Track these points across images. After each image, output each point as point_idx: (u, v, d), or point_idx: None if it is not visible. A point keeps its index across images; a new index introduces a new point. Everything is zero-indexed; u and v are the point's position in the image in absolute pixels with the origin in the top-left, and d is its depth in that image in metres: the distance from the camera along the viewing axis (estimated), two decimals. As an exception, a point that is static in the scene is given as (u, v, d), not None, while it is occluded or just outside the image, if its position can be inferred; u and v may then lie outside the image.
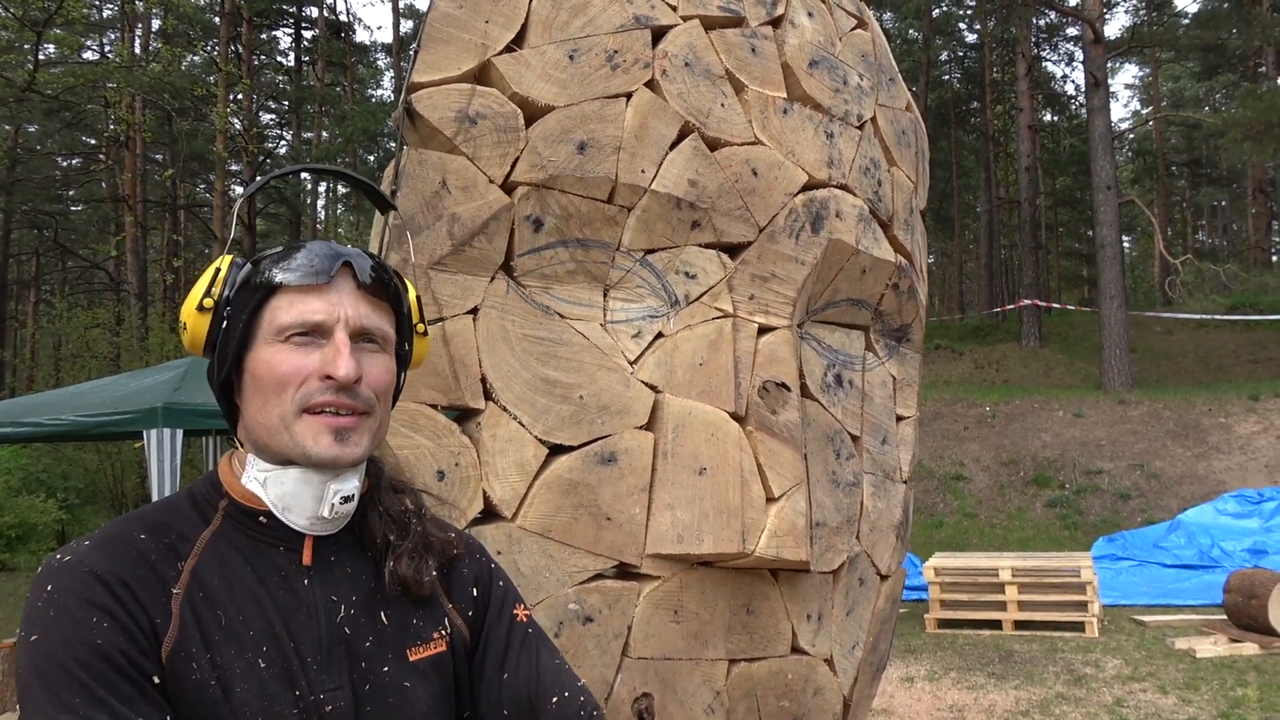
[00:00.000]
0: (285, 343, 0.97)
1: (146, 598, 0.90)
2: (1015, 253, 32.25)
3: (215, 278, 1.01)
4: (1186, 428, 12.98)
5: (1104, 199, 16.67)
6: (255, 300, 0.99)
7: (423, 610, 1.05)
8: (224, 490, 1.02)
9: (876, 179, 2.55)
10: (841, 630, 2.41)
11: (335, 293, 0.99)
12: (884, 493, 2.58)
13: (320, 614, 0.98)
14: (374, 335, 1.01)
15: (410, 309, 1.09)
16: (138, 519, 0.99)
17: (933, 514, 12.26)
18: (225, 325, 1.00)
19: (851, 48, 2.61)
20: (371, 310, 1.01)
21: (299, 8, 29.63)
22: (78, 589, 0.88)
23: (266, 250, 1.03)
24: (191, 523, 0.99)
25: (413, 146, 2.18)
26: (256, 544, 0.99)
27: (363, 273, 1.01)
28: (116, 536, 0.95)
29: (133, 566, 0.92)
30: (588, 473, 2.09)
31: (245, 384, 1.00)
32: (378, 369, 1.01)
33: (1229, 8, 29.45)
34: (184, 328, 1.02)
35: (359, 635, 0.99)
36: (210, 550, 0.97)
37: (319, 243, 1.02)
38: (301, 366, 0.96)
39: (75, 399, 6.26)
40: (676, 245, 2.23)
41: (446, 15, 2.21)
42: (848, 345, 2.55)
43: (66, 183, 28.81)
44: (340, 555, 1.03)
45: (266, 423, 0.97)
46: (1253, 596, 6.67)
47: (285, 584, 0.98)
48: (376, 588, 1.03)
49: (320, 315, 0.97)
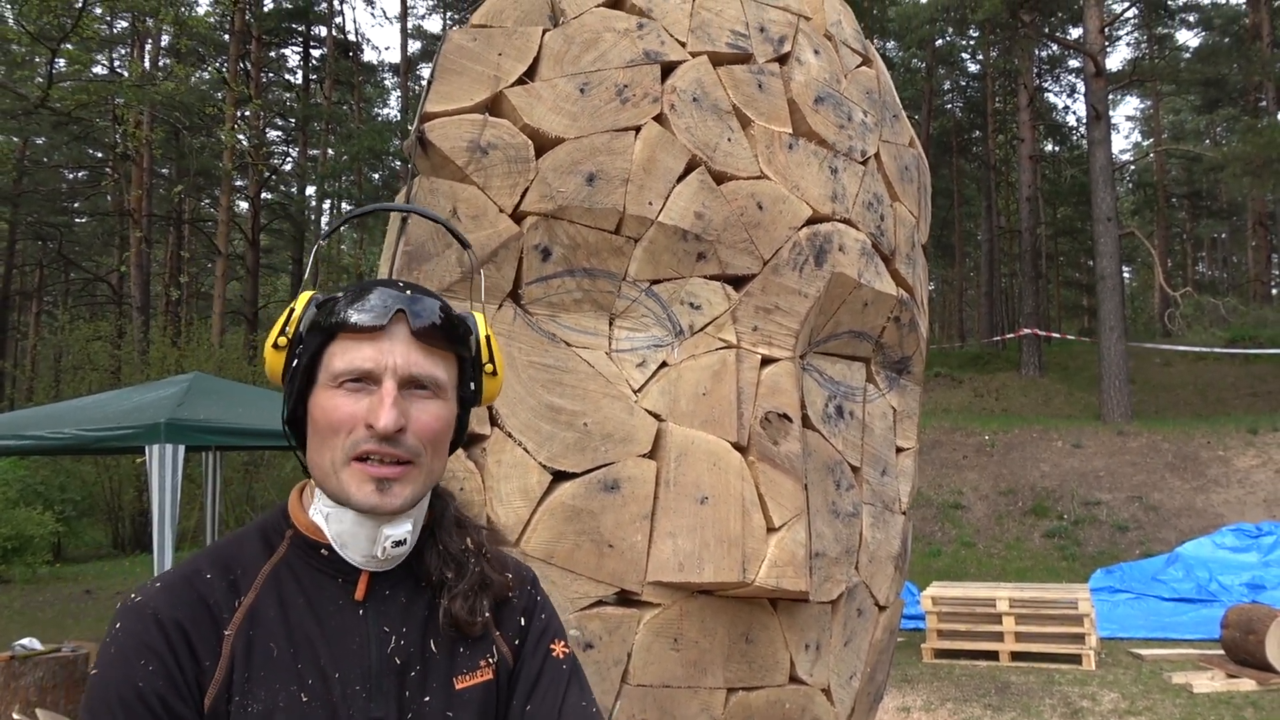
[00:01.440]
0: (340, 388, 0.99)
1: (198, 641, 0.95)
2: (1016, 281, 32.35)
3: (290, 316, 1.04)
4: (1185, 460, 12.98)
5: (1104, 230, 16.75)
6: (317, 343, 1.01)
7: (472, 640, 1.07)
8: (291, 521, 1.06)
9: (879, 214, 2.58)
10: (839, 660, 2.42)
11: (388, 340, 1.00)
12: (883, 524, 2.60)
13: (371, 644, 1.01)
14: (425, 382, 1.02)
15: (480, 349, 1.10)
16: (209, 554, 1.03)
17: (931, 542, 12.24)
18: (295, 364, 1.03)
19: (857, 85, 2.65)
20: (424, 357, 1.02)
21: (308, 27, 29.91)
22: (138, 630, 0.94)
23: (337, 292, 1.05)
24: (257, 555, 1.03)
25: (424, 175, 2.22)
26: (316, 574, 1.03)
27: (417, 320, 1.01)
28: (185, 576, 0.99)
29: (192, 610, 0.96)
30: (591, 500, 2.12)
31: (309, 423, 1.03)
32: (427, 416, 1.01)
33: (1229, 43, 29.75)
34: (265, 362, 1.06)
35: (408, 665, 1.02)
36: (270, 583, 1.01)
37: (381, 288, 1.03)
38: (353, 414, 0.98)
39: (77, 412, 6.28)
40: (682, 276, 2.27)
41: (460, 47, 2.26)
42: (849, 377, 2.58)
43: (72, 195, 28.97)
44: (395, 589, 1.05)
45: (321, 465, 1.00)
46: (1250, 632, 6.66)
47: (339, 615, 1.01)
48: (429, 619, 1.05)
49: (369, 363, 0.99)
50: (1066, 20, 26.40)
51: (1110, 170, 17.36)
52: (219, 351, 19.23)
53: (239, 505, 16.53)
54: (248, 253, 26.72)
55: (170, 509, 5.27)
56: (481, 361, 1.10)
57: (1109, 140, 17.77)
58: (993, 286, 31.36)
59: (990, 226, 31.02)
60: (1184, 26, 33.40)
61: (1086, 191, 20.66)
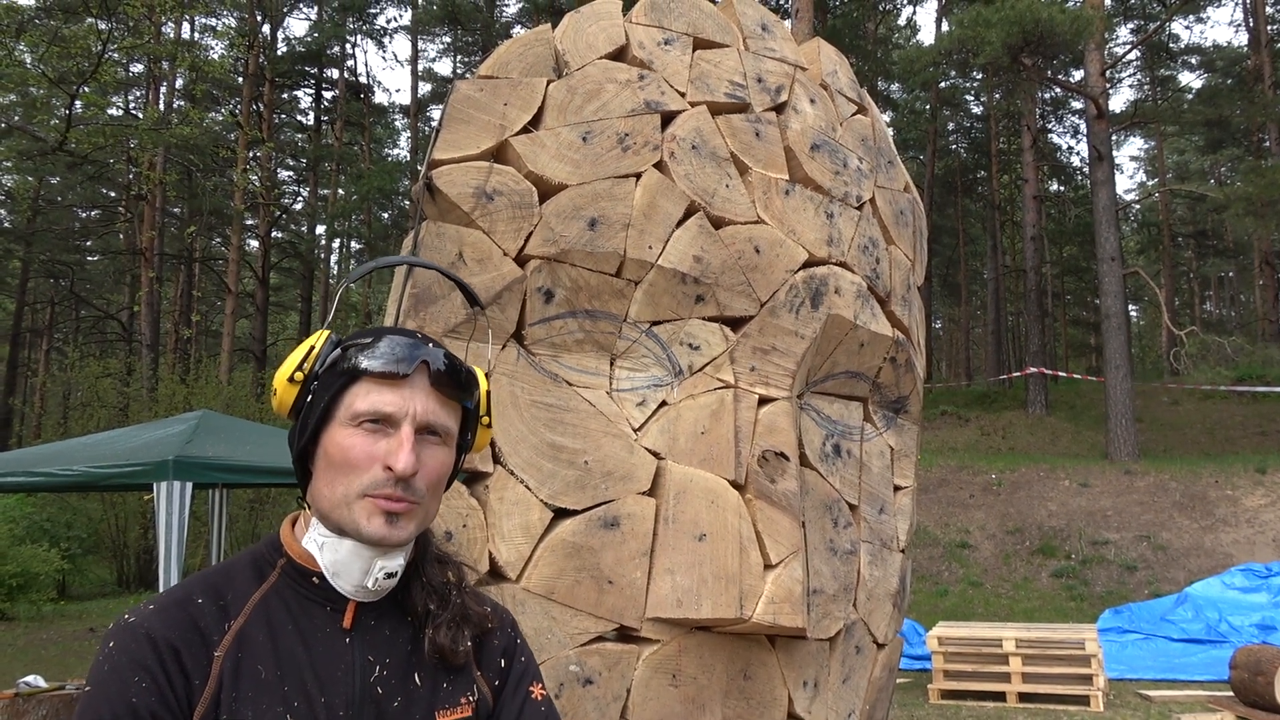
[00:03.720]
0: (358, 427, 1.05)
1: (189, 660, 1.00)
2: (1022, 320, 32.37)
3: (309, 354, 1.09)
4: (1193, 499, 12.92)
5: (1108, 270, 16.82)
6: (339, 384, 1.07)
7: (454, 676, 1.12)
8: (284, 551, 1.11)
9: (875, 257, 2.65)
10: (838, 698, 2.44)
11: (409, 388, 1.06)
12: (881, 561, 2.63)
13: (356, 673, 1.06)
14: (437, 430, 1.08)
15: (480, 403, 1.16)
16: (199, 580, 1.08)
17: (938, 582, 12.16)
18: (310, 399, 1.09)
19: (852, 132, 2.73)
20: (439, 406, 1.09)
21: (320, 69, 30.41)
22: (131, 649, 0.99)
23: (356, 337, 1.11)
24: (247, 583, 1.08)
25: (431, 219, 2.30)
26: (305, 602, 1.08)
27: (437, 369, 1.09)
28: (177, 600, 1.04)
29: (183, 631, 1.01)
30: (591, 536, 2.16)
31: (319, 457, 1.08)
32: (435, 462, 1.08)
33: (1232, 84, 30.02)
34: (274, 393, 1.10)
35: (389, 695, 1.06)
36: (259, 609, 1.06)
37: (403, 338, 1.10)
38: (370, 454, 1.04)
39: (86, 449, 6.34)
40: (681, 318, 2.33)
41: (468, 97, 2.35)
42: (846, 416, 2.62)
43: (85, 234, 29.31)
44: (381, 620, 1.10)
45: (331, 496, 1.06)
46: (1259, 673, 6.60)
47: (326, 642, 1.06)
48: (413, 651, 1.10)
49: (391, 408, 1.05)
50: (1069, 63, 26.70)
51: (1114, 210, 17.46)
52: (227, 389, 19.30)
53: (244, 543, 16.51)
54: (257, 291, 26.95)
55: (177, 546, 5.30)
56: (479, 413, 1.17)
57: (1112, 181, 17.90)
58: (999, 325, 31.37)
59: (996, 265, 31.12)
60: (1186, 68, 33.77)
61: (1091, 231, 20.78)
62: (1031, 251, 23.97)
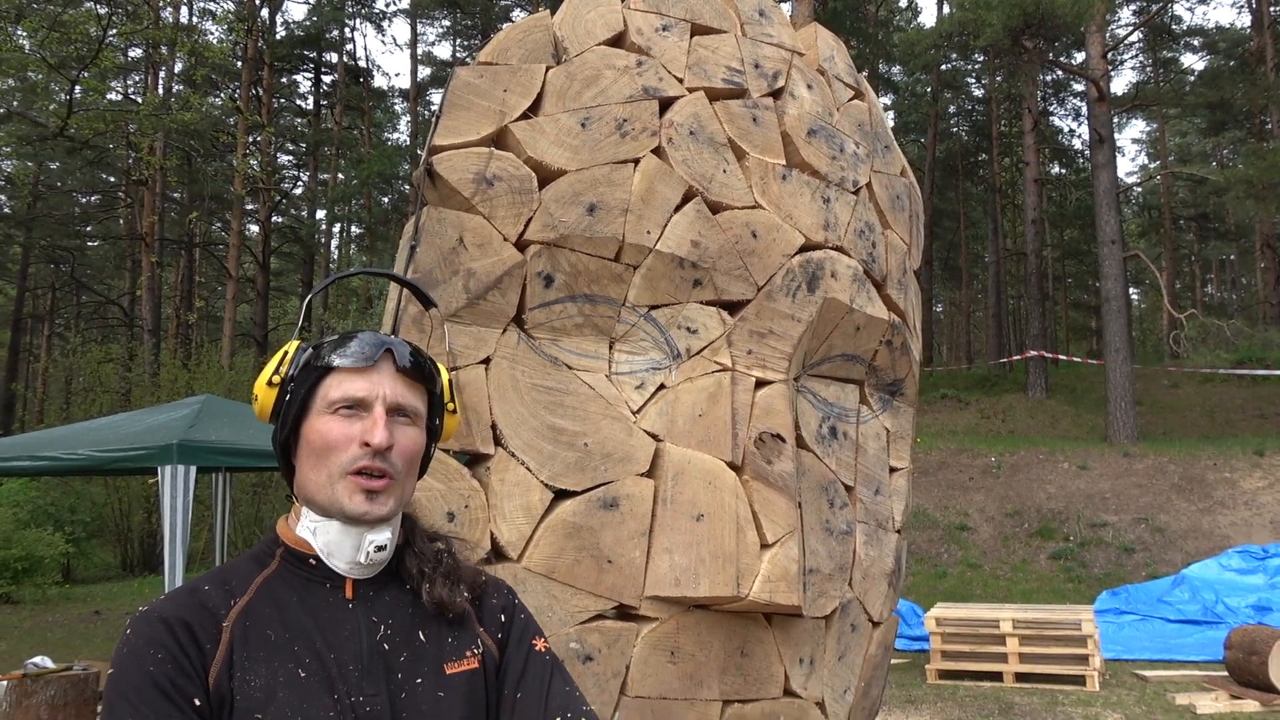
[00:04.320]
0: (334, 414, 1.15)
1: (200, 631, 1.08)
2: (1022, 304, 32.38)
3: (283, 359, 1.20)
4: (1191, 482, 12.98)
5: (1108, 253, 16.82)
6: (313, 378, 1.17)
7: (457, 631, 1.20)
8: (280, 541, 1.20)
9: (871, 241, 2.68)
10: (833, 674, 2.49)
11: (377, 374, 1.17)
12: (877, 541, 2.67)
13: (362, 633, 1.14)
14: (407, 411, 1.18)
15: (443, 390, 1.26)
16: (205, 577, 1.17)
17: (937, 564, 12.24)
18: (288, 398, 1.18)
19: (849, 117, 2.76)
20: (407, 390, 1.19)
21: (319, 53, 30.31)
22: (146, 631, 1.07)
23: (325, 338, 1.21)
24: (250, 571, 1.17)
25: (432, 205, 2.32)
26: (306, 581, 1.16)
27: (401, 359, 1.19)
28: (186, 589, 1.14)
29: (193, 610, 1.10)
30: (591, 517, 2.20)
31: (301, 447, 1.18)
32: (407, 439, 1.18)
33: (1234, 66, 29.89)
34: (255, 399, 1.21)
35: (396, 651, 1.15)
36: (264, 589, 1.15)
37: (368, 333, 1.20)
38: (347, 434, 1.14)
39: (91, 434, 6.39)
40: (679, 302, 2.36)
41: (468, 84, 2.37)
42: (842, 398, 2.66)
43: (85, 219, 29.30)
44: (380, 590, 1.19)
45: (316, 479, 1.15)
46: (1254, 653, 6.67)
47: (330, 610, 1.15)
48: (415, 613, 1.18)
49: (363, 392, 1.15)
50: (1070, 45, 26.58)
51: (1114, 194, 17.45)
52: (229, 374, 19.36)
53: (247, 526, 16.61)
54: (258, 276, 26.97)
55: (181, 529, 5.36)
56: (444, 401, 1.27)
57: (1113, 164, 17.87)
58: (1000, 309, 31.38)
59: (997, 249, 31.10)
60: (1189, 50, 33.62)
61: (1092, 214, 20.75)
62: (1032, 235, 23.96)
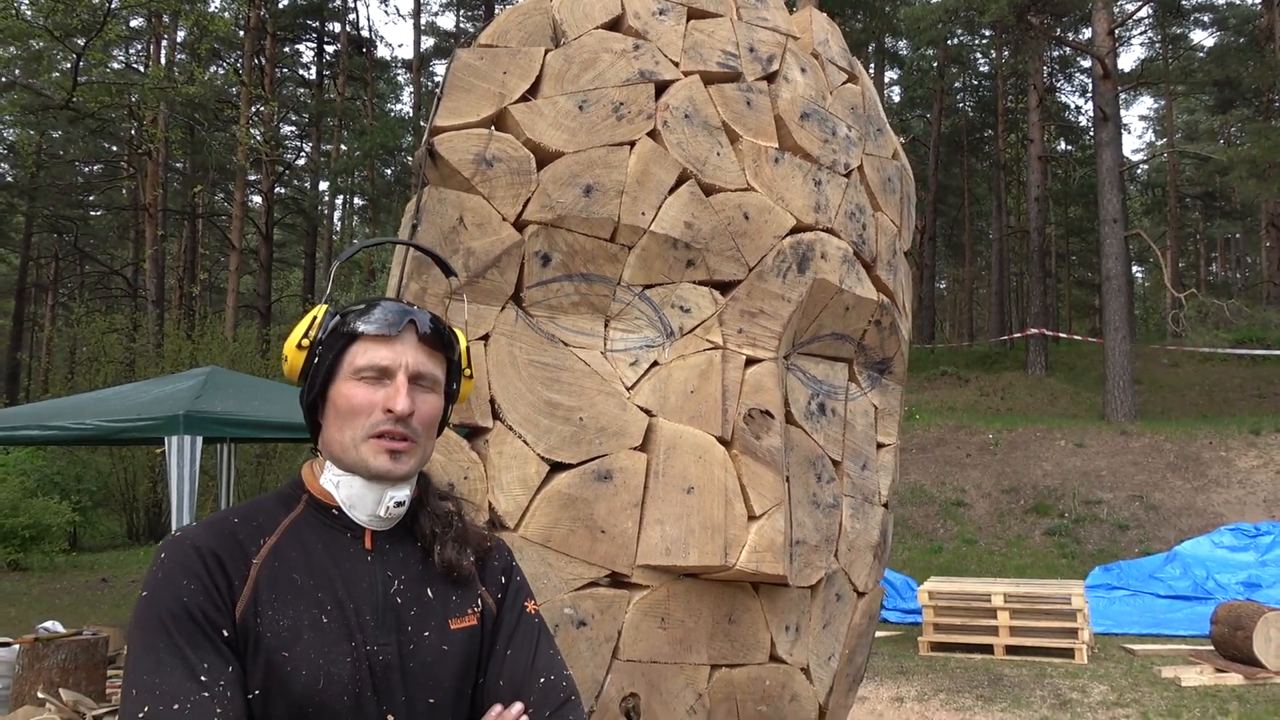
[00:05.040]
0: (359, 380, 1.23)
1: (230, 565, 1.17)
2: (1025, 281, 32.37)
3: (312, 323, 1.26)
4: (1187, 460, 13.08)
5: (1110, 232, 16.83)
6: (340, 344, 1.25)
7: (461, 590, 1.29)
8: (305, 488, 1.28)
9: (861, 223, 2.74)
10: (818, 642, 2.58)
11: (400, 343, 1.24)
12: (863, 515, 2.76)
13: (379, 585, 1.23)
14: (427, 378, 1.26)
15: (460, 357, 1.34)
16: (235, 509, 1.25)
17: (932, 539, 12.37)
18: (316, 361, 1.25)
19: (842, 101, 2.81)
20: (428, 359, 1.27)
21: (322, 23, 30.14)
22: (180, 558, 1.16)
23: (352, 306, 1.28)
24: (277, 511, 1.25)
25: (433, 184, 2.39)
26: (329, 529, 1.25)
27: (423, 328, 1.26)
28: (219, 518, 1.22)
29: (224, 542, 1.18)
30: (585, 489, 2.29)
31: (328, 409, 1.25)
32: (427, 406, 1.26)
33: (1244, 43, 29.66)
34: (285, 359, 1.28)
35: (407, 605, 1.24)
36: (291, 531, 1.23)
37: (392, 303, 1.28)
38: (371, 400, 1.22)
39: (98, 404, 6.49)
40: (672, 281, 2.43)
41: (468, 65, 2.43)
42: (831, 376, 2.74)
43: (88, 189, 29.30)
44: (395, 545, 1.28)
45: (341, 440, 1.23)
46: (1239, 628, 6.79)
47: (351, 560, 1.23)
48: (424, 570, 1.27)
49: (387, 361, 1.23)
50: (1078, 20, 26.39)
51: (1118, 172, 17.42)
52: (233, 345, 19.46)
53: (251, 496, 16.77)
54: (261, 247, 27.00)
55: (189, 498, 5.47)
56: (462, 366, 1.34)
57: (1118, 142, 17.83)
58: (1003, 286, 31.38)
59: (1000, 226, 31.04)
60: (1198, 26, 33.33)
61: (1096, 192, 20.71)
62: (1036, 212, 23.93)
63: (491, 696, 1.27)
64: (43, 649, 5.65)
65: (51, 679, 5.63)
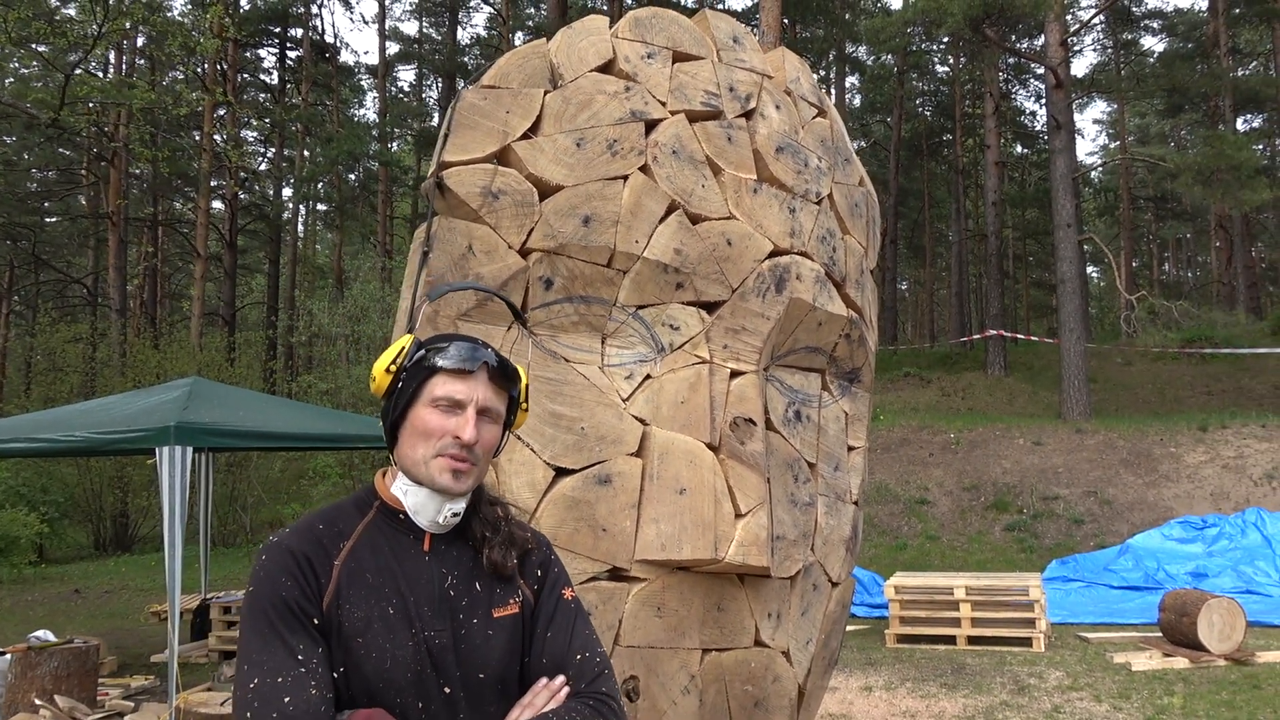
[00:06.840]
0: (435, 408, 1.44)
1: (318, 565, 1.40)
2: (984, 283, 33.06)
3: (400, 352, 1.47)
4: (1139, 456, 13.58)
5: (1064, 236, 17.36)
6: (422, 374, 1.46)
7: (505, 584, 1.51)
8: (378, 495, 1.51)
9: (832, 246, 3.01)
10: (797, 628, 2.84)
11: (474, 380, 1.45)
12: (836, 512, 3.02)
13: (435, 581, 1.45)
14: (491, 412, 1.47)
15: (521, 393, 1.54)
16: (318, 514, 1.48)
17: (897, 536, 12.74)
18: (400, 386, 1.46)
19: (813, 134, 3.08)
20: (494, 395, 1.48)
21: (285, 29, 30.00)
22: (278, 559, 1.39)
23: (432, 340, 1.49)
24: (353, 516, 1.48)
25: (442, 215, 2.62)
26: (395, 532, 1.47)
27: (495, 370, 1.47)
28: (306, 524, 1.45)
29: (312, 545, 1.41)
30: (587, 492, 2.52)
31: (405, 427, 1.47)
32: (489, 435, 1.47)
33: (1192, 49, 30.58)
34: (373, 379, 1.48)
35: (459, 597, 1.46)
36: (364, 536, 1.45)
37: (466, 343, 1.48)
38: (443, 426, 1.43)
39: (85, 416, 6.58)
40: (663, 302, 2.68)
41: (473, 105, 2.66)
42: (806, 386, 3.00)
43: (44, 196, 28.86)
44: (449, 546, 1.50)
45: (413, 456, 1.45)
46: (1184, 615, 7.17)
47: (412, 560, 1.45)
48: (474, 567, 1.49)
49: (461, 395, 1.44)
50: (1033, 28, 27.06)
51: (1071, 179, 17.97)
52: (199, 354, 19.36)
53: (222, 504, 16.74)
54: (225, 254, 26.83)
55: (180, 507, 5.60)
56: (520, 401, 1.56)
57: (1071, 149, 18.38)
58: (962, 287, 32.03)
59: (959, 229, 31.69)
60: (1148, 33, 34.29)
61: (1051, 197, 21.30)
62: (993, 216, 24.51)
63: (536, 673, 1.49)
64: (35, 657, 5.76)
65: (44, 686, 5.74)
